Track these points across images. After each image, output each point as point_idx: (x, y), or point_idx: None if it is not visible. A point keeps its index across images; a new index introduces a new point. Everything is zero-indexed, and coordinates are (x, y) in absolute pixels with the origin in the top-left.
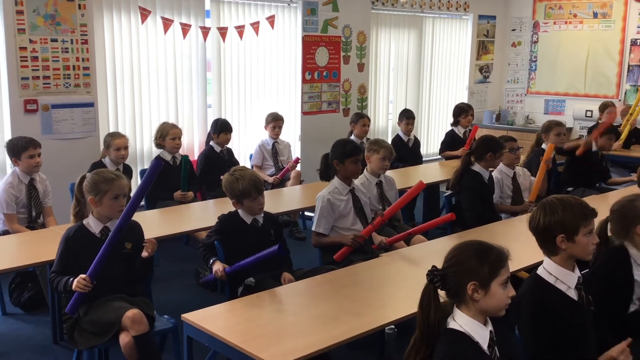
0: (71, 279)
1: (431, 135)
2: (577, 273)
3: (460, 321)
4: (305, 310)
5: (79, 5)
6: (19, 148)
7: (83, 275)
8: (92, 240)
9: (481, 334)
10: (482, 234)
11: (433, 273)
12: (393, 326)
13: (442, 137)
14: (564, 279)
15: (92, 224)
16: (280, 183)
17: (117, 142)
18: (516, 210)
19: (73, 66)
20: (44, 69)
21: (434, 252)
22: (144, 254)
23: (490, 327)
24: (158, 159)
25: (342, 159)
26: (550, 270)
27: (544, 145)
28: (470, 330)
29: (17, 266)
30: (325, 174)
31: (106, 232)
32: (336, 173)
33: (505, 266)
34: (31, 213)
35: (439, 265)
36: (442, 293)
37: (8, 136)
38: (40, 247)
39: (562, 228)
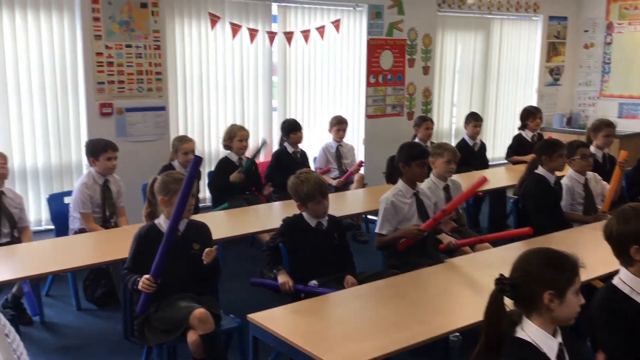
0: (138, 279)
1: (497, 139)
2: None
3: (529, 331)
4: (368, 314)
5: (152, 12)
6: (98, 149)
7: (146, 276)
8: (162, 237)
9: (550, 344)
10: (552, 241)
11: (502, 282)
12: (457, 333)
13: (509, 141)
14: None
15: (163, 223)
16: (344, 186)
17: (185, 147)
18: (588, 221)
19: (146, 71)
20: (119, 73)
21: (500, 258)
22: (204, 261)
23: (559, 338)
24: (224, 160)
25: (408, 161)
26: (626, 281)
27: (592, 147)
28: (539, 341)
29: (90, 264)
30: (391, 177)
31: (175, 232)
32: (401, 176)
33: (578, 274)
34: (105, 213)
35: (506, 273)
36: (508, 301)
37: (84, 139)
38: (113, 245)
39: (636, 238)
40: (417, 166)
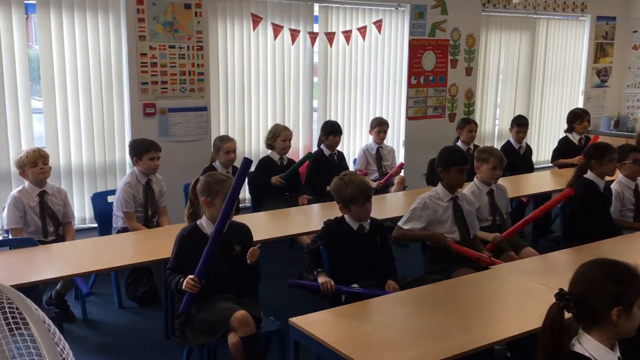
0: (182, 279)
1: (542, 142)
2: None
3: (587, 345)
4: (411, 322)
5: (196, 12)
6: (142, 149)
7: (191, 276)
8: (204, 240)
9: (608, 359)
10: (602, 249)
11: (565, 297)
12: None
13: (553, 144)
14: None
15: (205, 224)
16: (384, 188)
17: (226, 146)
18: (638, 228)
19: (189, 71)
20: (162, 74)
21: (547, 266)
22: (248, 260)
23: (617, 352)
24: (266, 159)
25: (447, 167)
26: None
27: None
28: (597, 356)
29: (132, 263)
30: (431, 179)
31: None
32: (440, 180)
33: None
34: (147, 212)
35: (554, 279)
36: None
37: (128, 138)
38: (155, 245)
39: None
40: (456, 172)
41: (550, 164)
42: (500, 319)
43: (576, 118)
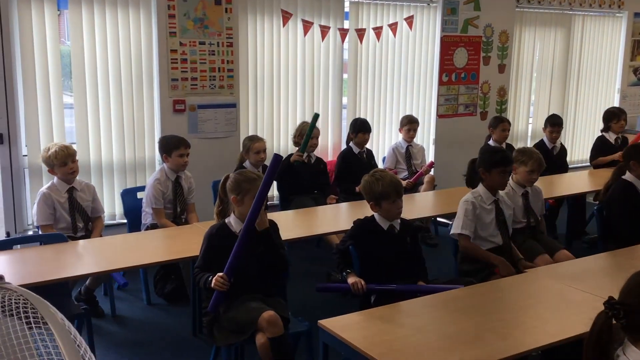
0: (211, 277)
1: (577, 141)
2: None
3: (633, 357)
4: (443, 327)
5: (226, 9)
6: (171, 146)
7: (220, 274)
8: (233, 238)
9: None
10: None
11: (614, 306)
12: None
13: (589, 143)
14: None
15: (233, 222)
16: (413, 188)
17: (256, 146)
18: None
19: (218, 68)
20: (192, 70)
21: (584, 270)
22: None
23: None
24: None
25: (489, 168)
26: None
27: None
28: None
29: (161, 260)
30: (471, 181)
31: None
32: (482, 181)
33: None
34: (176, 209)
35: (590, 287)
36: None
37: (158, 135)
38: (183, 242)
39: None
40: (498, 174)
41: (587, 164)
42: (537, 325)
43: (612, 117)
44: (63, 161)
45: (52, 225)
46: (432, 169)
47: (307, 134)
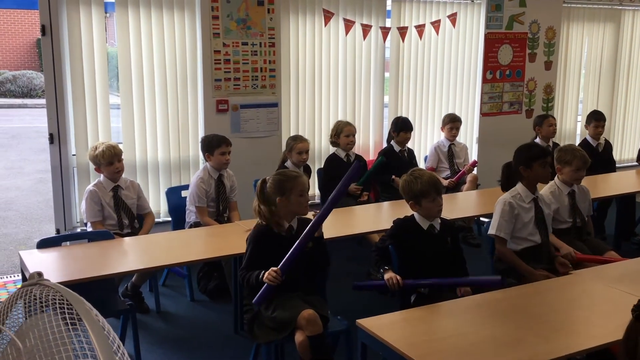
0: (263, 272)
1: (627, 139)
2: None
3: None
4: (484, 328)
5: (268, 9)
6: (213, 144)
7: (275, 268)
8: (278, 238)
9: None
10: None
11: None
12: None
13: (639, 141)
14: None
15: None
16: (456, 187)
17: (299, 146)
18: None
19: (260, 68)
20: (235, 71)
21: (632, 272)
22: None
23: None
24: (332, 157)
25: (529, 163)
26: None
27: None
28: None
29: (204, 258)
30: (507, 185)
31: (290, 230)
32: (521, 179)
33: None
34: (219, 207)
35: (638, 290)
36: None
37: (201, 134)
38: (226, 240)
39: None
40: (540, 166)
41: (635, 163)
42: (581, 328)
43: None
44: (109, 160)
45: (101, 222)
46: (475, 168)
47: (369, 172)
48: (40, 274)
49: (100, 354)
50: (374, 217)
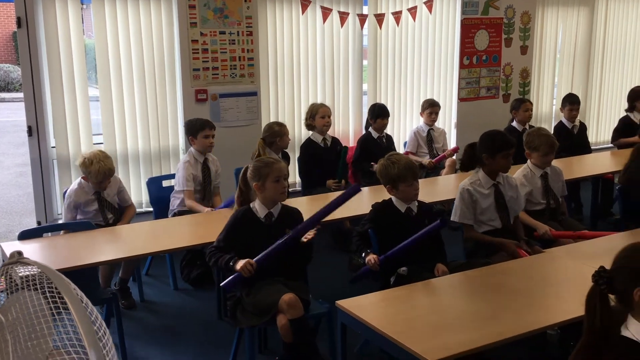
0: (235, 258)
1: (602, 121)
2: None
3: (633, 329)
4: (460, 305)
5: None
6: (196, 127)
7: (252, 261)
8: (257, 224)
9: None
10: None
11: (600, 274)
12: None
13: (614, 123)
14: None
15: (258, 208)
16: (435, 169)
17: (285, 130)
18: None
19: (239, 57)
20: (213, 60)
21: (605, 250)
22: (304, 239)
23: None
24: (308, 142)
25: (493, 153)
26: None
27: None
28: None
29: (187, 245)
30: (467, 166)
31: (270, 217)
32: (483, 166)
33: None
34: (204, 191)
35: (608, 266)
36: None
37: (181, 124)
38: (209, 228)
39: None
40: (503, 157)
41: (610, 145)
42: (553, 303)
43: (638, 96)
44: (100, 180)
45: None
46: (456, 154)
47: (341, 164)
48: (20, 253)
49: (80, 324)
50: (353, 202)
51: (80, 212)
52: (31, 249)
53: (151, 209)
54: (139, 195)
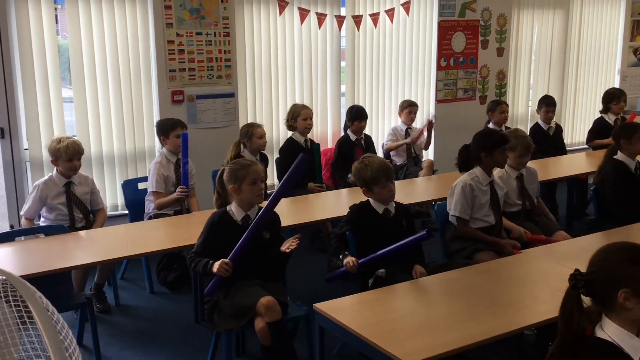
0: (211, 262)
1: (577, 123)
2: None
3: (609, 331)
4: (438, 307)
5: None
6: (168, 127)
7: (226, 260)
8: (234, 226)
9: (633, 345)
10: (635, 232)
11: (576, 277)
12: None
13: (589, 125)
14: None
15: (235, 210)
16: (413, 173)
17: (259, 131)
18: None
19: (216, 58)
20: (190, 61)
21: (580, 250)
22: (283, 249)
23: None
24: (290, 141)
25: (490, 150)
26: None
27: None
28: (620, 341)
29: (163, 249)
30: (465, 167)
31: (247, 220)
32: (480, 164)
33: None
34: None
35: (584, 267)
36: (586, 299)
37: None
38: (186, 231)
39: None
40: (500, 153)
41: (585, 146)
42: (530, 304)
43: (612, 98)
44: (70, 157)
45: (33, 221)
46: (432, 153)
47: (317, 164)
48: None
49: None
50: (331, 204)
51: (46, 208)
52: (4, 254)
53: (127, 212)
54: (114, 197)
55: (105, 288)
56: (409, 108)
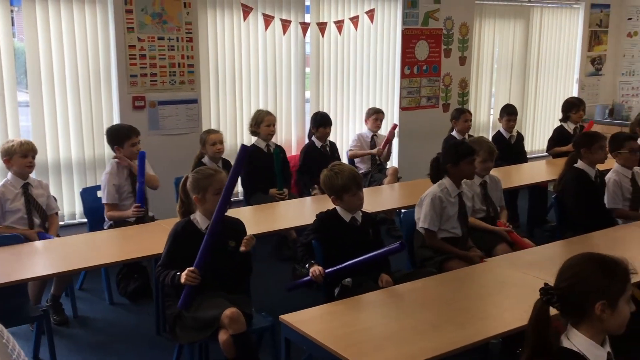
0: (178, 273)
1: (537, 131)
2: None
3: (575, 341)
4: (405, 318)
5: (185, 3)
6: (122, 136)
7: (191, 268)
8: (199, 236)
9: (598, 354)
10: (597, 240)
11: (549, 292)
12: None
13: (549, 133)
14: None
15: (199, 219)
16: (378, 180)
17: (212, 137)
18: (638, 217)
19: (178, 63)
20: (151, 66)
21: (543, 258)
22: (242, 248)
23: (608, 348)
24: (253, 147)
25: (457, 161)
26: None
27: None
28: (586, 351)
29: (123, 259)
30: (437, 178)
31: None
32: (448, 175)
33: (630, 281)
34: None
35: (550, 274)
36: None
37: None
38: (146, 241)
39: None
40: (467, 164)
41: (545, 153)
42: (495, 313)
43: (572, 107)
44: (25, 153)
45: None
46: (396, 161)
47: (277, 170)
48: None
49: None
50: (297, 213)
51: (4, 213)
52: None
53: (85, 221)
54: (72, 206)
55: (62, 299)
56: (375, 115)
